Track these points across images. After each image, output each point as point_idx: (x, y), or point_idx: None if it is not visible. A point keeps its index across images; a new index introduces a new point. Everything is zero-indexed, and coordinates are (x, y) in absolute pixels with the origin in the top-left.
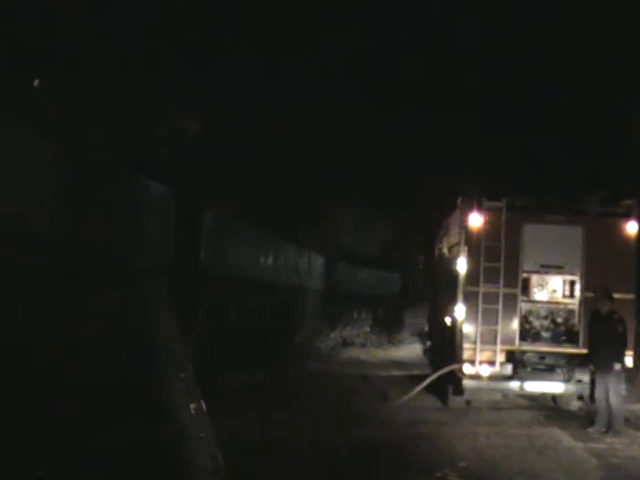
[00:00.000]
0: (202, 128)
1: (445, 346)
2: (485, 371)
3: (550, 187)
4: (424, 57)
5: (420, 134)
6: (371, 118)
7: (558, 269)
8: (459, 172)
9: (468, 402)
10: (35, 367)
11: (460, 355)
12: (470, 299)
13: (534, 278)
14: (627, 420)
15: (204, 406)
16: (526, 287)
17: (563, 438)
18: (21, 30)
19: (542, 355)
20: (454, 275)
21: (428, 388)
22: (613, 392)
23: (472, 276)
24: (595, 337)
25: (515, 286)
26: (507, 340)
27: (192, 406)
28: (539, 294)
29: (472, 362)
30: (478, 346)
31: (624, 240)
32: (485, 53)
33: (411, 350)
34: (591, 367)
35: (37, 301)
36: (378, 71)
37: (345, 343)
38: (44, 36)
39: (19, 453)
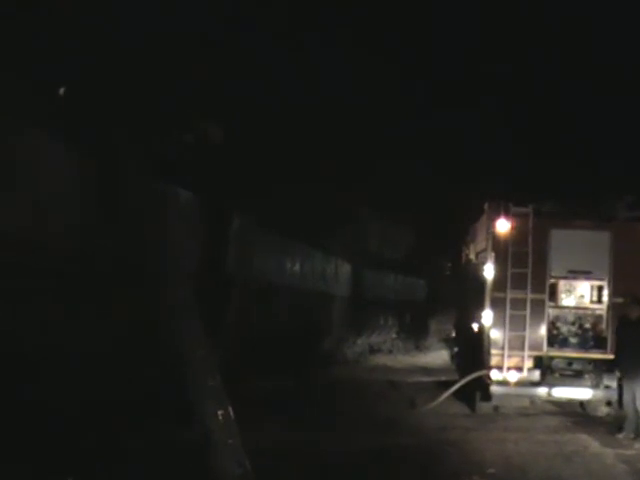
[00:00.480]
0: (228, 135)
1: (472, 352)
2: (513, 377)
3: (577, 192)
4: (457, 60)
5: (447, 140)
6: (397, 122)
7: (586, 274)
8: (486, 178)
9: (496, 408)
10: (64, 374)
11: (488, 361)
12: (497, 305)
13: (562, 284)
14: None
15: (232, 412)
16: (554, 293)
17: (591, 444)
18: (46, 38)
19: (570, 361)
20: (481, 281)
21: (455, 394)
22: None
23: (499, 282)
24: (623, 343)
25: (543, 292)
26: (535, 346)
27: (220, 412)
28: (567, 300)
29: (500, 368)
30: (506, 352)
31: None
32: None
33: (438, 356)
34: (617, 373)
35: (64, 308)
36: (411, 75)
37: (372, 349)
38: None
39: (49, 460)
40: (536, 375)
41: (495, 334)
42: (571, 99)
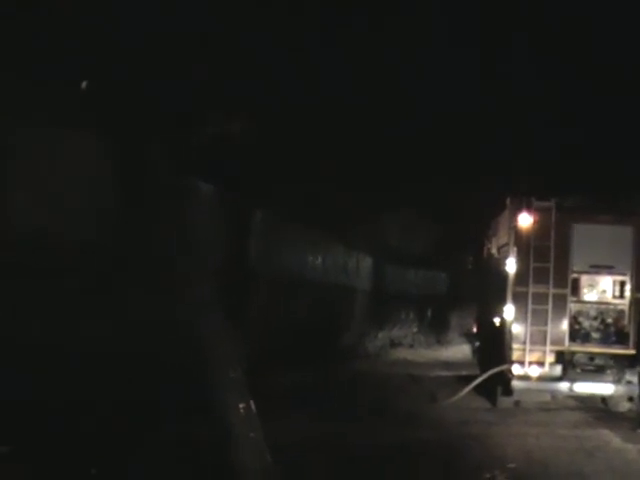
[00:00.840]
0: (251, 129)
1: (494, 347)
2: (534, 372)
3: (599, 187)
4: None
5: (469, 134)
6: (417, 116)
7: (608, 269)
8: (508, 172)
9: (517, 403)
10: (86, 368)
11: (509, 356)
12: (519, 299)
13: (584, 278)
14: None
15: (253, 406)
16: (576, 287)
17: (613, 439)
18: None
19: (592, 356)
20: (503, 275)
21: (476, 389)
22: None
23: (521, 276)
24: None
25: (565, 286)
26: (556, 341)
27: (241, 406)
28: (589, 295)
29: (521, 363)
30: (527, 347)
31: None
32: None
33: (459, 351)
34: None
35: (86, 303)
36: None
37: (393, 343)
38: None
39: (73, 453)
40: (558, 370)
41: (517, 329)
42: (595, 93)
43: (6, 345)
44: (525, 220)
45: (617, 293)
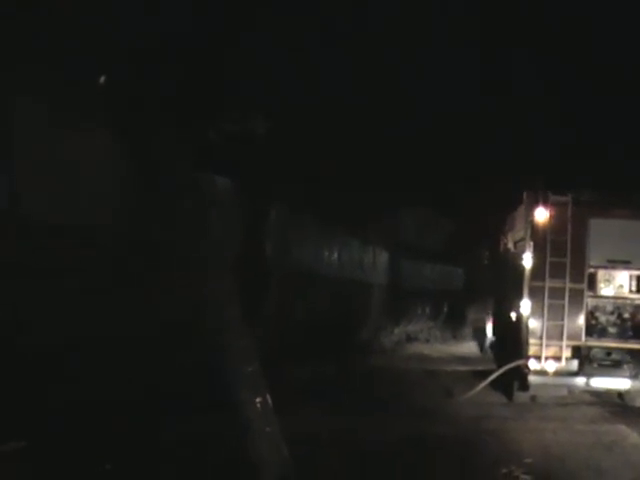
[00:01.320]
0: (270, 126)
1: (510, 341)
2: (551, 367)
3: (617, 181)
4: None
5: (484, 128)
6: (432, 110)
7: (625, 264)
8: (524, 166)
9: (533, 398)
10: (102, 362)
11: (526, 350)
12: (536, 294)
13: (600, 273)
14: None
15: (269, 400)
16: (592, 282)
17: (630, 435)
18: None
19: (608, 351)
20: (519, 270)
21: (493, 384)
22: None
23: (538, 271)
24: None
25: (581, 281)
26: (573, 336)
27: (258, 400)
28: (605, 289)
29: (538, 358)
30: (544, 341)
31: None
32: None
33: (475, 346)
34: None
35: (103, 296)
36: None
37: (409, 338)
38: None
39: (87, 448)
40: (574, 365)
41: (533, 323)
42: (616, 86)
43: (23, 338)
44: (541, 215)
45: (634, 288)
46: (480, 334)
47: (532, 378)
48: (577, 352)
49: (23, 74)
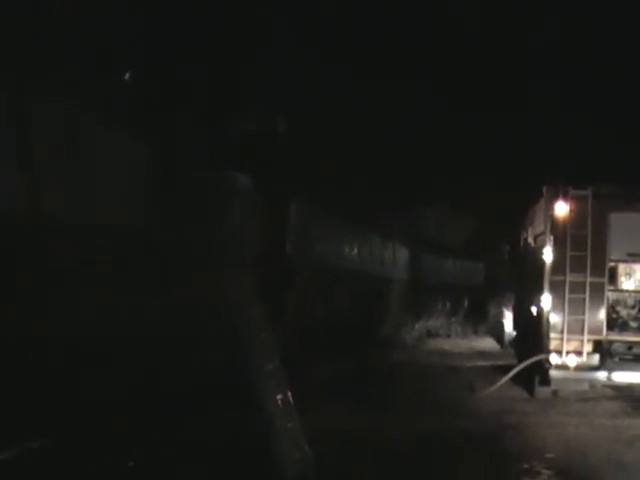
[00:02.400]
0: (289, 126)
1: (531, 336)
2: (572, 361)
3: (636, 175)
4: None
5: (505, 123)
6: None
7: None
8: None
9: (555, 392)
10: (122, 361)
11: (547, 345)
12: (556, 288)
13: (621, 267)
14: None
15: (291, 397)
16: (613, 276)
17: None
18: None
19: (630, 345)
20: (540, 264)
21: (514, 379)
22: None
23: (558, 265)
24: None
25: (602, 275)
26: (594, 330)
27: (279, 397)
28: (626, 283)
29: (559, 352)
30: (565, 336)
31: None
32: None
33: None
34: None
35: (125, 292)
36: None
37: (430, 334)
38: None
39: (110, 445)
40: (595, 359)
41: (554, 318)
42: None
43: (44, 336)
44: (561, 209)
45: None
46: (500, 329)
47: (553, 373)
48: (598, 346)
49: (41, 74)
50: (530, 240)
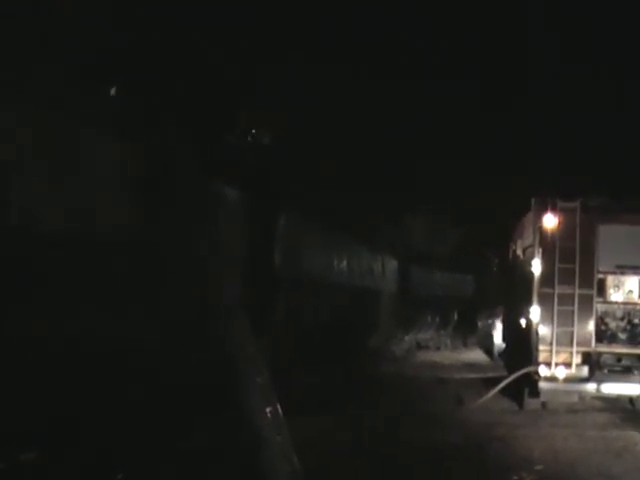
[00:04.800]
0: (276, 136)
1: (521, 348)
2: (561, 373)
3: (624, 187)
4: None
5: (494, 135)
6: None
7: (634, 269)
8: (533, 173)
9: (544, 404)
10: (109, 371)
11: (536, 357)
12: (545, 300)
13: (610, 279)
14: None
15: (280, 409)
16: (602, 288)
17: None
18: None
19: (619, 357)
20: (528, 277)
21: (503, 390)
22: None
23: (547, 277)
24: None
25: (590, 287)
26: (583, 342)
27: (268, 410)
28: (615, 295)
29: (548, 364)
30: (554, 348)
31: None
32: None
33: (485, 353)
34: None
35: (111, 303)
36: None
37: (419, 346)
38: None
39: (98, 458)
40: (584, 371)
41: (543, 330)
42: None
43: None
44: (550, 221)
45: None
46: (489, 341)
47: (542, 385)
48: (587, 358)
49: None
50: (519, 252)
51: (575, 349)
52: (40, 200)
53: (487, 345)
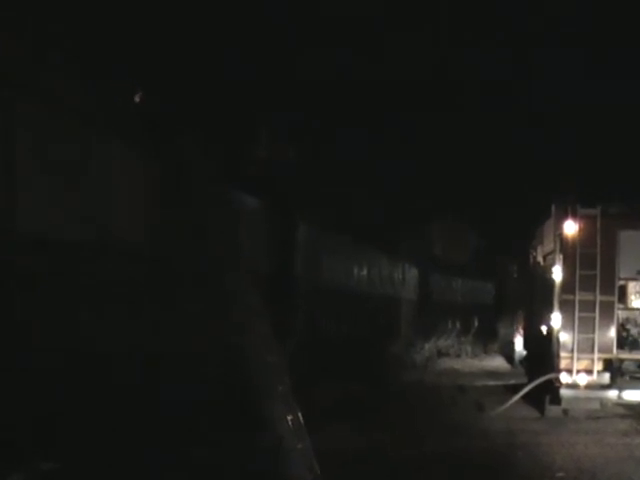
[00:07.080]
0: (298, 153)
1: (541, 355)
2: (582, 380)
3: None
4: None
5: (513, 142)
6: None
7: None
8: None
9: (565, 411)
10: (130, 381)
11: (557, 364)
12: (566, 307)
13: (631, 285)
14: None
15: (301, 417)
16: (623, 294)
17: None
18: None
19: None
20: (549, 283)
21: (524, 398)
22: None
23: (568, 284)
24: None
25: (612, 294)
26: (604, 348)
27: (289, 418)
28: (636, 301)
29: (569, 371)
30: (575, 355)
31: None
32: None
33: (506, 360)
34: None
35: (132, 313)
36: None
37: (440, 353)
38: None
39: (114, 467)
40: (606, 378)
41: (564, 337)
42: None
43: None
44: (570, 228)
45: None
46: (510, 348)
47: (564, 392)
48: (609, 365)
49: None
50: (539, 259)
51: (596, 356)
52: (58, 211)
53: (508, 352)
